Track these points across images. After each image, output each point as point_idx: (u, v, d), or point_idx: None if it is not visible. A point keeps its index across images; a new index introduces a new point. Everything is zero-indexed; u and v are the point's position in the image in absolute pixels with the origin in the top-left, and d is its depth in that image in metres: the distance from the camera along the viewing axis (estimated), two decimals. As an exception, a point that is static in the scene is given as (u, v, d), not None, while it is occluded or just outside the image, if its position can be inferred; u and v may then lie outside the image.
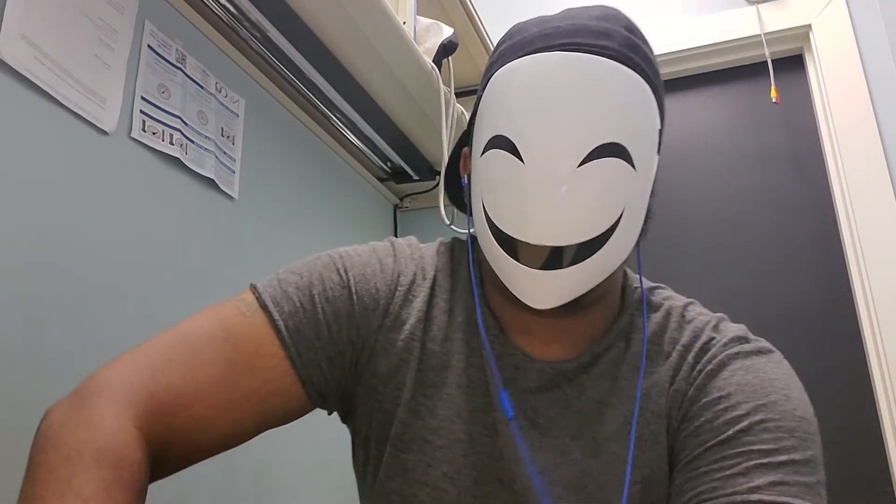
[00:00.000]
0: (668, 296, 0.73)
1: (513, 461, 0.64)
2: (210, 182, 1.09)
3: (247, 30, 1.15)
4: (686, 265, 1.71)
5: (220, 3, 1.09)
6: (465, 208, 0.73)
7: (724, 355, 0.65)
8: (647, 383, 0.66)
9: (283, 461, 1.21)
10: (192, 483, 0.98)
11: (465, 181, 0.71)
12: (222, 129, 1.14)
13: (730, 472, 0.58)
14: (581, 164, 0.59)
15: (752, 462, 0.57)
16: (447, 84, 1.38)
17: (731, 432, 0.60)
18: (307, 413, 0.68)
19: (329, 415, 0.72)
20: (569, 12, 0.66)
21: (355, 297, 0.68)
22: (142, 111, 0.96)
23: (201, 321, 0.63)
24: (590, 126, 0.60)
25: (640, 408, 0.65)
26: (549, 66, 0.61)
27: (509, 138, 0.61)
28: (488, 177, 0.64)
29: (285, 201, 1.33)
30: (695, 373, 0.65)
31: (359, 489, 0.74)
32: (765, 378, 0.63)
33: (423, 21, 1.38)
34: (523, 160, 0.60)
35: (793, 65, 1.77)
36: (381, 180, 1.76)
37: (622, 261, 0.65)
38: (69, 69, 0.84)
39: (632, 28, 0.65)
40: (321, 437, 1.29)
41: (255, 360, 0.62)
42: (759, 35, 1.72)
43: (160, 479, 0.58)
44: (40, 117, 0.80)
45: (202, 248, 1.08)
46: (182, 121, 1.03)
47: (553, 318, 0.65)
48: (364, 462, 0.72)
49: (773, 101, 1.66)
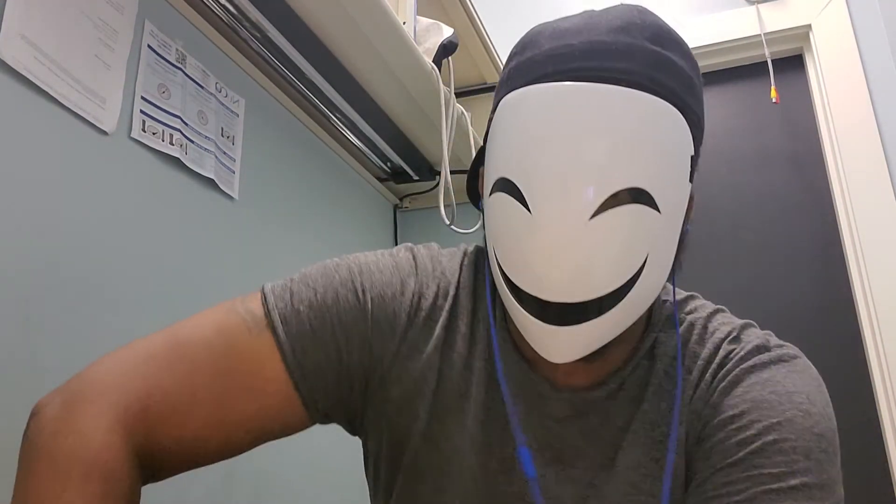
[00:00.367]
0: (694, 307, 0.68)
1: (528, 497, 0.61)
2: (210, 182, 1.09)
3: (247, 30, 1.14)
4: (686, 265, 1.70)
5: (220, 3, 1.09)
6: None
7: (740, 370, 0.61)
8: (667, 406, 0.62)
9: (282, 467, 1.21)
10: (190, 488, 0.98)
11: (482, 205, 0.66)
12: (222, 129, 1.14)
13: (736, 498, 0.55)
14: (595, 216, 0.53)
15: (761, 488, 0.54)
16: (447, 84, 1.38)
17: (741, 454, 0.56)
18: (308, 428, 0.66)
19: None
20: (586, 21, 0.58)
21: (371, 320, 0.63)
22: (142, 111, 0.96)
23: (202, 328, 0.60)
24: (605, 171, 0.53)
25: (659, 434, 0.62)
26: (558, 99, 0.54)
27: (515, 184, 0.55)
28: (496, 222, 0.59)
29: (285, 201, 1.32)
30: (710, 390, 0.61)
31: (371, 499, 0.73)
32: (782, 392, 0.58)
33: (423, 21, 1.38)
34: (530, 210, 0.54)
35: (793, 65, 1.77)
36: (380, 180, 1.76)
37: (648, 305, 0.60)
38: (69, 69, 0.84)
39: (659, 35, 0.57)
40: (320, 444, 1.29)
41: (256, 382, 0.59)
42: (759, 35, 1.72)
43: (152, 483, 0.58)
44: (40, 117, 0.80)
45: (202, 248, 1.08)
46: (182, 121, 1.03)
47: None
48: (375, 478, 0.70)
49: (773, 101, 1.66)
